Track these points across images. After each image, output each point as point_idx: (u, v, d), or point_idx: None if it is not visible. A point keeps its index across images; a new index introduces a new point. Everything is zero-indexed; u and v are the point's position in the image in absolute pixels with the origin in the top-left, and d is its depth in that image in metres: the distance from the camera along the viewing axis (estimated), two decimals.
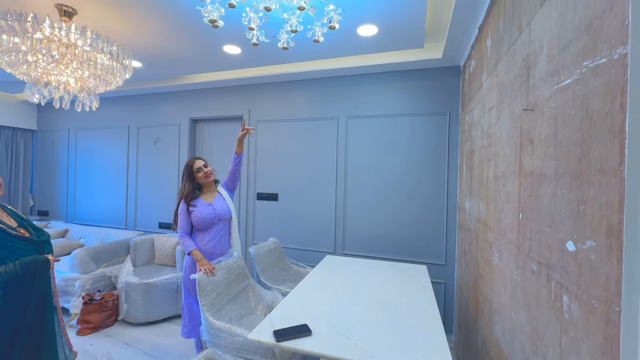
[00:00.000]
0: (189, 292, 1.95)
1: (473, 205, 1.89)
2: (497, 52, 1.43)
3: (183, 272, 1.98)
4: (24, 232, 1.38)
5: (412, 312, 1.44)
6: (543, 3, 0.92)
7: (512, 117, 1.18)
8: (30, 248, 1.35)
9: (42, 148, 4.45)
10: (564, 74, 0.78)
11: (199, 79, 3.26)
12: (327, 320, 1.34)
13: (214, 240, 1.97)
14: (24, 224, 1.42)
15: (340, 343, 1.17)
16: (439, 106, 2.63)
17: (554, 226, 0.81)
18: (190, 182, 1.97)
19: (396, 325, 1.31)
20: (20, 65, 1.68)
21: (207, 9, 1.42)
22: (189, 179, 1.97)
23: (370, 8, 1.85)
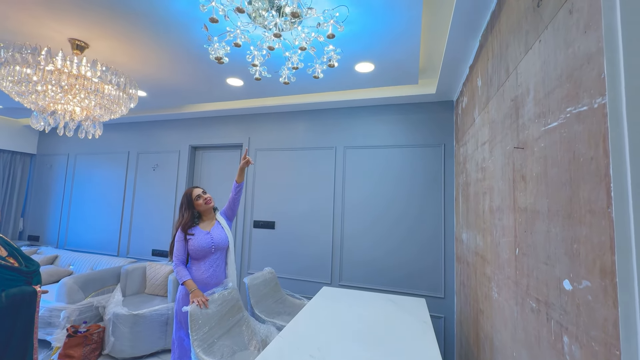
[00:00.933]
0: (181, 325, 1.87)
1: (470, 237, 1.90)
2: (487, 91, 1.51)
3: (176, 304, 1.91)
4: (13, 261, 1.35)
5: (412, 350, 1.39)
6: (527, 51, 0.99)
7: (504, 153, 1.23)
8: (18, 278, 1.31)
9: (39, 172, 4.45)
10: (550, 117, 0.82)
11: (201, 108, 3.36)
12: (323, 357, 1.29)
13: (210, 270, 1.92)
14: (13, 253, 1.39)
15: None
16: (434, 138, 2.71)
17: (550, 263, 0.82)
18: (189, 211, 1.95)
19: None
20: (30, 94, 1.74)
21: (214, 47, 1.51)
22: (188, 207, 1.96)
23: (367, 48, 1.96)
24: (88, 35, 1.91)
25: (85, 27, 1.81)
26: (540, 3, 0.90)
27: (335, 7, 1.51)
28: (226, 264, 2.02)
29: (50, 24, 1.79)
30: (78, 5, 1.60)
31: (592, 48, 0.63)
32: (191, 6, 1.58)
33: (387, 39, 1.84)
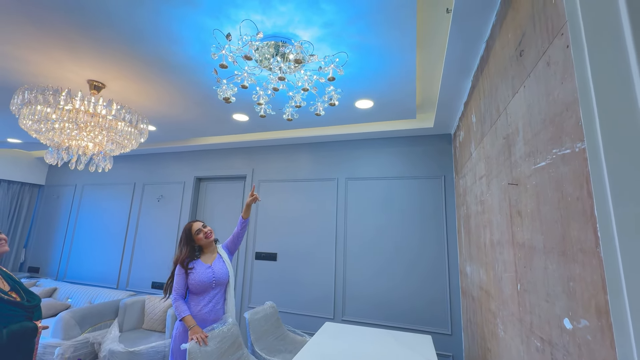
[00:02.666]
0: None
1: (474, 271, 1.87)
2: (481, 128, 1.58)
3: (172, 341, 1.85)
4: (15, 296, 1.34)
5: None
6: (514, 95, 1.06)
7: (500, 188, 1.26)
8: (19, 314, 1.30)
9: (45, 203, 4.52)
10: (538, 157, 0.87)
11: (207, 140, 3.48)
12: None
13: (209, 305, 1.88)
14: (16, 287, 1.39)
15: None
16: (434, 170, 2.76)
17: (550, 301, 0.82)
18: (187, 246, 1.93)
19: None
20: (47, 132, 1.84)
21: (223, 88, 1.62)
22: (187, 242, 1.93)
23: (366, 87, 2.08)
24: (105, 76, 2.05)
25: (102, 69, 1.96)
26: (523, 53, 0.98)
27: (336, 53, 1.63)
28: (225, 299, 1.97)
29: (70, 66, 1.94)
30: (97, 49, 1.74)
31: (569, 97, 0.69)
32: (202, 52, 1.71)
33: (384, 79, 1.96)
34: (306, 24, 1.45)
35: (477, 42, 1.45)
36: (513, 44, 1.07)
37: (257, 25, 1.45)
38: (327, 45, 1.60)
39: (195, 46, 1.67)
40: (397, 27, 1.47)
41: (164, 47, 1.69)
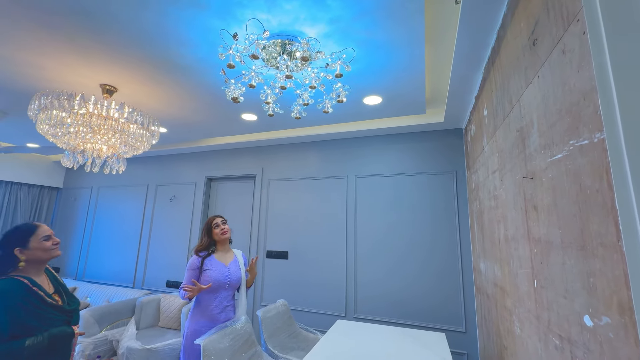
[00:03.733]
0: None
1: (488, 267, 1.84)
2: (494, 121, 1.55)
3: (184, 340, 1.87)
4: (57, 298, 1.35)
5: None
6: (528, 85, 1.03)
7: (514, 183, 1.23)
8: (59, 318, 1.30)
9: (64, 205, 4.66)
10: (554, 149, 0.84)
11: (217, 141, 3.52)
12: None
13: (221, 306, 1.88)
14: (59, 289, 1.40)
15: None
16: (445, 166, 2.71)
17: (569, 297, 0.79)
18: (207, 237, 2.00)
19: None
20: (63, 135, 1.89)
21: (231, 88, 1.63)
22: (207, 234, 2.00)
23: (374, 83, 2.06)
24: (117, 80, 2.10)
25: (115, 73, 2.00)
26: (536, 42, 0.95)
27: (343, 49, 1.62)
28: (237, 300, 1.99)
29: (83, 71, 1.98)
30: (108, 53, 1.78)
31: (587, 86, 0.67)
32: (210, 53, 1.73)
33: (392, 74, 1.93)
34: (312, 21, 1.44)
35: (488, 33, 1.41)
36: (526, 33, 1.03)
37: (263, 24, 1.45)
38: (334, 41, 1.59)
39: (203, 47, 1.68)
40: (405, 22, 1.45)
41: (172, 49, 1.71)
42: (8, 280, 1.22)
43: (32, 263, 1.30)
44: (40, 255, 1.32)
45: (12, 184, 4.24)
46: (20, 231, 1.31)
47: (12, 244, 1.27)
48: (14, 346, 1.14)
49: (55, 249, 1.38)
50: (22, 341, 1.15)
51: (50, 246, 1.35)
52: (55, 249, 1.38)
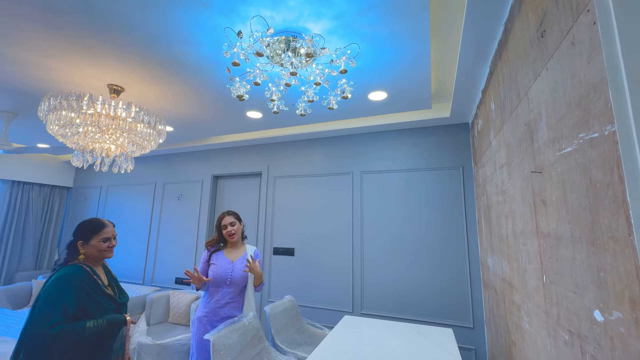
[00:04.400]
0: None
1: (496, 263, 1.82)
2: (501, 115, 1.53)
3: (192, 337, 1.90)
4: (110, 291, 1.42)
5: None
6: (536, 78, 1.02)
7: (522, 177, 1.21)
8: (112, 308, 1.38)
9: (74, 204, 4.75)
10: (564, 143, 0.83)
11: (222, 139, 3.54)
12: None
13: (222, 301, 1.89)
14: (112, 283, 1.47)
15: None
16: (452, 161, 2.69)
17: (578, 292, 0.79)
18: (218, 234, 2.02)
19: None
20: (72, 136, 1.92)
21: (236, 86, 1.63)
22: (218, 230, 2.02)
23: (379, 78, 2.05)
24: (124, 80, 2.12)
25: (121, 73, 2.02)
26: (544, 34, 0.93)
27: (347, 45, 1.61)
28: (243, 302, 1.96)
29: (91, 71, 2.01)
30: (114, 53, 1.80)
31: (597, 78, 0.65)
32: (215, 51, 1.73)
33: (397, 69, 1.92)
34: (316, 17, 1.43)
35: (495, 25, 1.39)
36: (534, 24, 1.01)
37: (267, 21, 1.44)
38: (338, 37, 1.58)
39: (207, 46, 1.69)
40: (410, 16, 1.43)
41: (177, 48, 1.72)
42: (74, 265, 1.33)
43: (89, 257, 1.40)
44: (95, 253, 1.40)
45: (24, 183, 4.33)
46: (88, 226, 1.41)
47: (79, 236, 1.39)
48: (77, 327, 1.22)
49: (108, 251, 1.46)
50: (83, 322, 1.24)
51: (105, 248, 1.43)
52: (108, 251, 1.46)
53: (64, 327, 1.19)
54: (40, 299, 1.22)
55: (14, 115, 2.81)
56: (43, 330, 1.17)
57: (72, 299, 1.24)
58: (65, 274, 1.28)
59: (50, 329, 1.17)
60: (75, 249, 1.38)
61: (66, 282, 1.26)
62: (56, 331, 1.18)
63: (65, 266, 1.32)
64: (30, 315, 1.20)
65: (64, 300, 1.23)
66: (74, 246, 1.38)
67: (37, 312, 1.20)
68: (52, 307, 1.21)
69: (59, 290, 1.24)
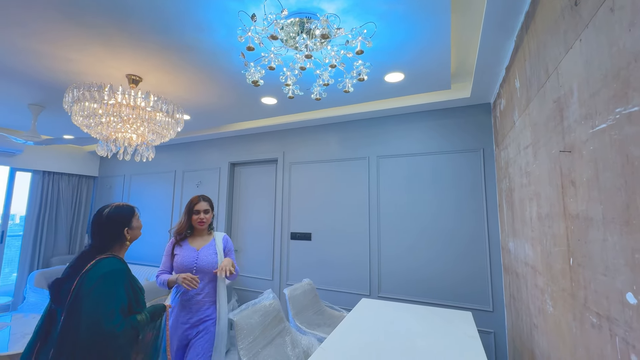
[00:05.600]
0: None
1: (518, 247, 1.78)
2: (527, 93, 1.45)
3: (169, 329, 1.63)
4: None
5: None
6: (567, 51, 0.95)
7: (550, 158, 1.16)
8: (144, 302, 1.37)
9: (100, 192, 4.97)
10: (597, 119, 0.78)
11: (238, 126, 3.57)
12: None
13: (190, 293, 1.72)
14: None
15: None
16: (472, 143, 2.61)
17: (609, 275, 0.76)
18: (186, 219, 1.82)
19: None
20: (96, 126, 1.99)
21: (251, 72, 1.63)
22: (187, 215, 1.82)
23: (396, 59, 1.98)
24: (142, 69, 2.15)
25: (139, 62, 2.05)
26: (578, 2, 0.86)
27: (363, 24, 1.56)
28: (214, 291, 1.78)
29: (110, 62, 2.05)
30: (133, 44, 1.82)
31: (638, 46, 0.60)
32: (228, 36, 1.72)
33: (416, 48, 1.85)
34: None
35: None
36: None
37: (280, 2, 1.41)
38: (354, 17, 1.53)
39: (221, 31, 1.68)
40: None
41: (191, 35, 1.72)
42: (114, 259, 1.25)
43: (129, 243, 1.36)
44: (137, 234, 1.40)
45: (54, 174, 4.56)
46: (125, 212, 1.36)
47: (122, 223, 1.33)
48: (134, 321, 1.20)
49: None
50: (134, 317, 1.22)
51: (141, 225, 1.44)
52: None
53: (125, 323, 1.16)
54: (91, 296, 1.11)
55: (41, 108, 2.93)
56: (108, 329, 1.10)
57: (124, 295, 1.20)
58: (114, 269, 1.21)
59: (117, 327, 1.12)
60: (121, 236, 1.32)
61: (118, 278, 1.20)
62: (122, 329, 1.13)
63: (104, 260, 1.23)
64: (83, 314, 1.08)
65: (120, 297, 1.18)
66: (119, 234, 1.31)
67: (95, 311, 1.10)
68: (112, 304, 1.14)
69: (113, 286, 1.17)
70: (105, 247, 1.29)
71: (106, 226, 1.30)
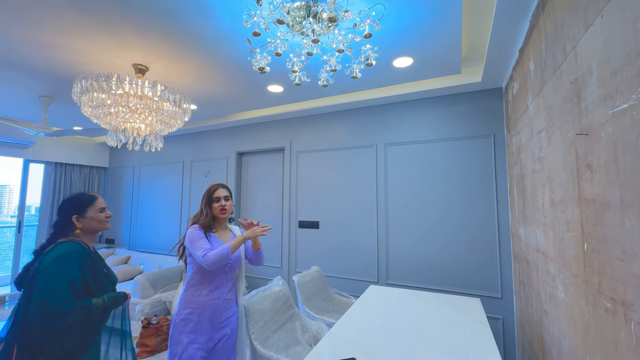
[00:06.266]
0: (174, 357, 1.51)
1: (529, 233, 1.76)
2: (541, 75, 1.40)
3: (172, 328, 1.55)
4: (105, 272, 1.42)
5: (468, 350, 1.34)
6: (587, 28, 0.91)
7: (565, 141, 1.13)
8: (110, 287, 1.37)
9: (111, 183, 5.06)
10: (618, 99, 0.75)
11: (244, 116, 3.56)
12: (376, 355, 1.30)
13: (218, 292, 1.58)
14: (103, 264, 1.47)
15: None
16: (482, 129, 2.55)
17: (626, 259, 0.74)
18: (208, 210, 1.66)
19: None
20: (105, 116, 2.00)
21: (257, 58, 1.60)
22: (207, 204, 1.67)
23: (405, 42, 1.93)
24: (148, 59, 2.14)
25: (145, 52, 2.04)
26: None
27: (371, 6, 1.51)
28: (237, 286, 1.72)
29: (116, 52, 2.04)
30: (139, 32, 1.81)
31: None
32: (233, 23, 1.70)
33: (425, 30, 1.79)
34: None
35: None
36: None
37: None
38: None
39: (225, 18, 1.65)
40: None
41: (195, 22, 1.70)
42: (73, 242, 1.25)
43: (86, 232, 1.32)
44: (95, 225, 1.34)
45: (65, 165, 4.65)
46: (79, 200, 1.33)
47: (70, 211, 1.30)
48: (86, 302, 1.18)
49: (106, 222, 1.39)
50: (89, 299, 1.20)
51: (104, 218, 1.37)
52: (106, 222, 1.39)
53: (74, 303, 1.15)
54: (44, 276, 1.13)
55: (50, 100, 2.96)
56: (53, 308, 1.10)
57: (78, 276, 1.19)
58: (69, 250, 1.21)
59: (64, 306, 1.11)
60: (70, 224, 1.28)
61: (71, 259, 1.19)
62: (69, 308, 1.12)
63: (63, 242, 1.23)
64: (34, 293, 1.11)
65: (71, 277, 1.17)
66: (67, 221, 1.28)
67: (44, 290, 1.11)
68: (61, 284, 1.14)
69: (65, 267, 1.17)
70: (57, 232, 1.28)
71: (59, 212, 1.31)
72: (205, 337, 1.53)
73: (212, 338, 1.54)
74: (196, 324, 1.53)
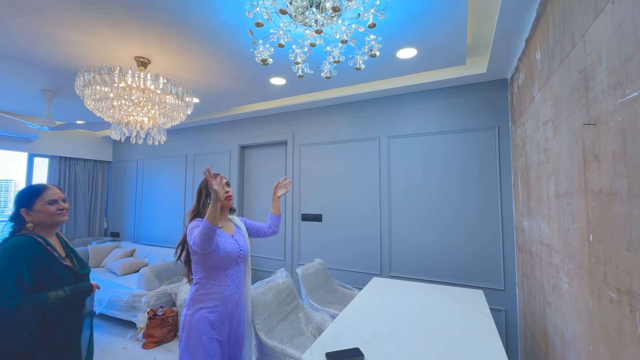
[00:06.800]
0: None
1: (533, 225, 1.76)
2: (548, 65, 1.38)
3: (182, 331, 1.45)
4: (69, 262, 1.33)
5: (471, 340, 1.35)
6: (597, 16, 0.89)
7: (571, 132, 1.12)
8: (72, 280, 1.29)
9: (115, 177, 5.09)
10: (628, 87, 0.74)
11: (247, 109, 3.54)
12: (380, 345, 1.31)
13: (233, 285, 1.53)
14: (70, 255, 1.38)
15: None
16: (487, 121, 2.53)
17: (632, 250, 0.74)
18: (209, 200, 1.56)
19: (456, 355, 1.24)
20: (108, 110, 2.00)
21: (259, 50, 1.59)
22: (209, 195, 1.55)
23: (409, 33, 1.90)
24: (150, 51, 2.13)
25: (147, 44, 2.03)
26: None
27: None
28: (245, 276, 1.65)
29: (118, 45, 2.03)
30: (140, 24, 1.80)
31: None
32: (236, 13, 1.68)
33: (430, 20, 1.76)
34: None
35: None
36: None
37: None
38: None
39: (226, 8, 1.63)
40: None
41: (197, 14, 1.68)
42: (23, 236, 1.21)
43: (39, 225, 1.27)
44: (44, 219, 1.27)
45: (69, 159, 4.67)
46: (27, 192, 1.27)
47: (19, 203, 1.25)
48: (39, 297, 1.15)
49: (60, 214, 1.30)
50: (44, 293, 1.17)
51: (55, 211, 1.28)
52: (60, 214, 1.30)
53: (23, 299, 1.10)
54: None
55: (53, 94, 2.96)
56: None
57: (25, 270, 1.14)
58: (13, 244, 1.16)
59: (8, 302, 1.08)
60: (20, 219, 1.24)
61: (15, 253, 1.15)
62: (15, 304, 1.08)
63: (12, 237, 1.20)
64: None
65: (16, 272, 1.12)
66: (17, 216, 1.24)
67: None
68: (5, 279, 1.10)
69: (9, 261, 1.13)
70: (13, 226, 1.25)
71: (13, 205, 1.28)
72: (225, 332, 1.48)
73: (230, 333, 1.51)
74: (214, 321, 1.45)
